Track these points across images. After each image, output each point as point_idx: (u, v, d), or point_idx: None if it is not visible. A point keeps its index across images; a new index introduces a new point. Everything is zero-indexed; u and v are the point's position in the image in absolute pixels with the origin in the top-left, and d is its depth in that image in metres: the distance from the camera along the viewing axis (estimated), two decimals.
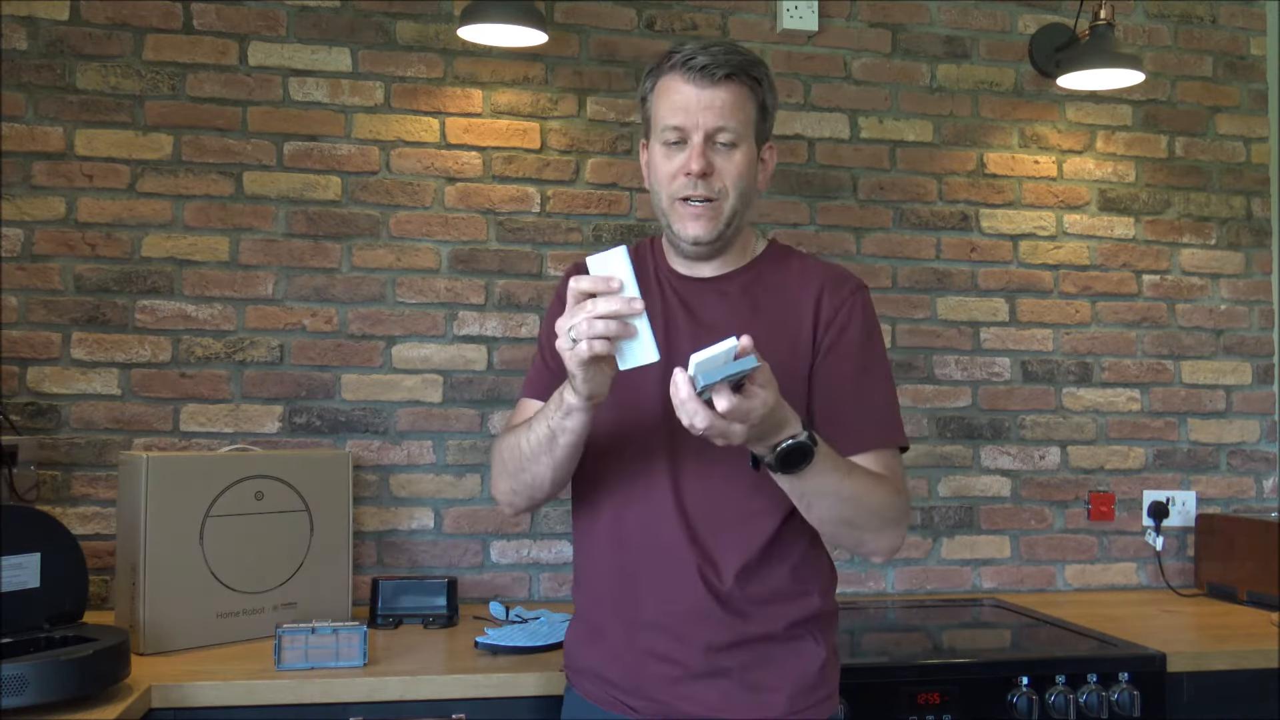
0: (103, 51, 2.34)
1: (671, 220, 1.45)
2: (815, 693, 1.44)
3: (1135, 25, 2.82)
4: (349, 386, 2.42)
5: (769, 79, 1.47)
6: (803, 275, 1.51)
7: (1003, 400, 2.71)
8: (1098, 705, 1.93)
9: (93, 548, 2.19)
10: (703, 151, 1.40)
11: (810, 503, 1.33)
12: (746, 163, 1.44)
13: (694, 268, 1.51)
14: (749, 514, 1.42)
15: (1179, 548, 2.75)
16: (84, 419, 2.30)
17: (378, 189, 2.45)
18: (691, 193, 1.41)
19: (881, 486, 1.37)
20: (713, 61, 1.39)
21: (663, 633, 1.42)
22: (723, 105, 1.40)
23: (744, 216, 1.47)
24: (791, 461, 1.24)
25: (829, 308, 1.46)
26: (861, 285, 1.51)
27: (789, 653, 1.43)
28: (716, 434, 1.18)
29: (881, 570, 2.61)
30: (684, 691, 1.41)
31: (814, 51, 2.66)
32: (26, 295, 2.29)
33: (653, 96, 1.46)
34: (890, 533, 1.41)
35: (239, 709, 1.72)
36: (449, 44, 2.47)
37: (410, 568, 2.42)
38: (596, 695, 1.48)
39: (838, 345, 1.45)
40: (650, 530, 1.43)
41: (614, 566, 1.46)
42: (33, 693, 1.49)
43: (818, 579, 1.49)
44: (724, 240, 1.46)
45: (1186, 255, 2.82)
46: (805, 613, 1.45)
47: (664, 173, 1.44)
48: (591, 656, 1.49)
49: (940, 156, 2.71)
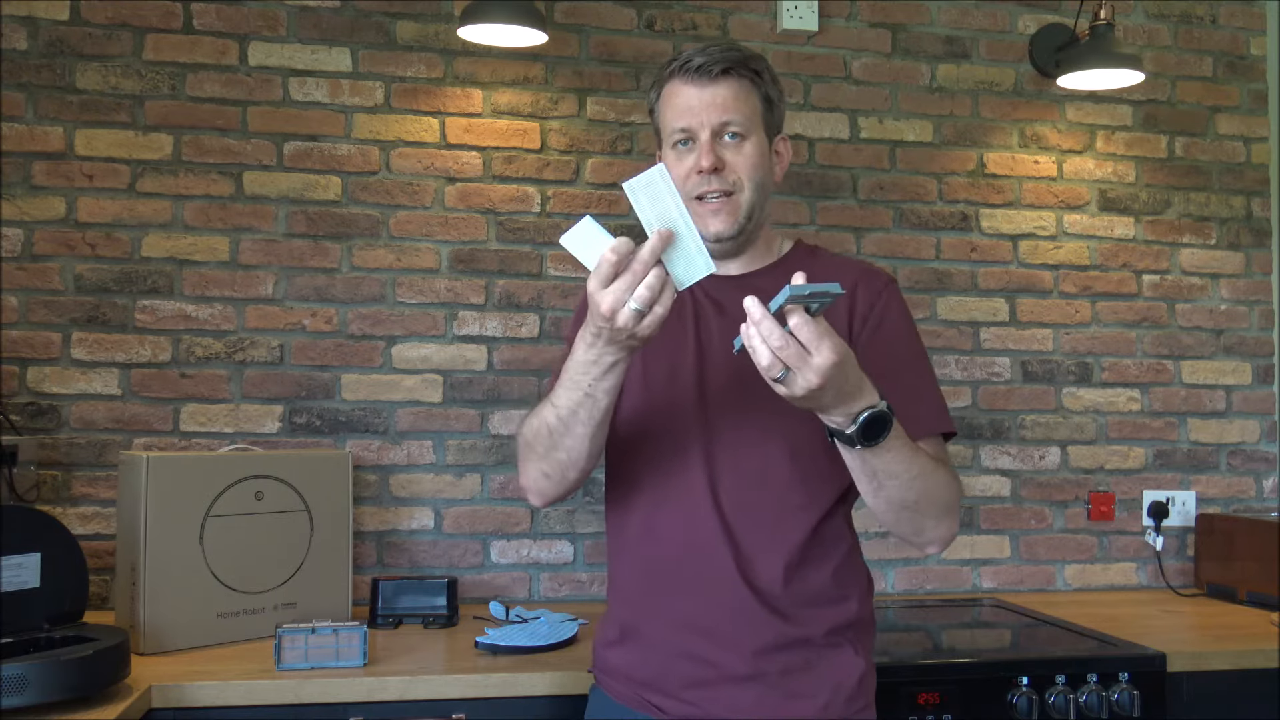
0: (103, 51, 2.34)
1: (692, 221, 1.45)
2: (853, 704, 1.42)
3: (1135, 25, 2.82)
4: (349, 386, 2.42)
5: (770, 73, 1.47)
6: (833, 271, 1.49)
7: (1003, 400, 2.71)
8: (1098, 705, 1.93)
9: (93, 548, 2.19)
10: (711, 147, 1.41)
11: (881, 483, 1.28)
12: (758, 154, 1.44)
13: (721, 266, 1.49)
14: (788, 510, 1.41)
15: (1179, 548, 2.75)
16: (84, 419, 2.30)
17: (378, 189, 2.45)
18: (706, 189, 1.42)
19: (941, 470, 1.35)
20: (709, 60, 1.40)
21: (700, 633, 1.40)
22: (724, 100, 1.41)
23: (763, 210, 1.47)
24: (873, 431, 1.20)
25: (864, 302, 1.46)
26: (893, 279, 1.51)
27: (828, 661, 1.41)
28: (789, 363, 1.11)
29: (881, 570, 2.61)
30: (717, 694, 1.39)
31: (814, 51, 2.66)
32: (26, 295, 2.29)
33: (659, 106, 1.47)
34: (949, 520, 1.39)
35: (239, 709, 1.72)
36: (449, 44, 2.47)
37: (410, 568, 2.42)
38: (624, 695, 1.47)
39: (877, 337, 1.44)
40: (686, 527, 1.41)
41: (647, 565, 1.45)
42: (33, 693, 1.49)
43: (857, 584, 1.48)
44: (746, 234, 1.46)
45: (1186, 255, 2.82)
46: (845, 618, 1.43)
47: (678, 175, 1.43)
48: (621, 657, 1.48)
49: (940, 156, 2.71)
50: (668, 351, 1.44)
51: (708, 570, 1.40)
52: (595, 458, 1.42)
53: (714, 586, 1.39)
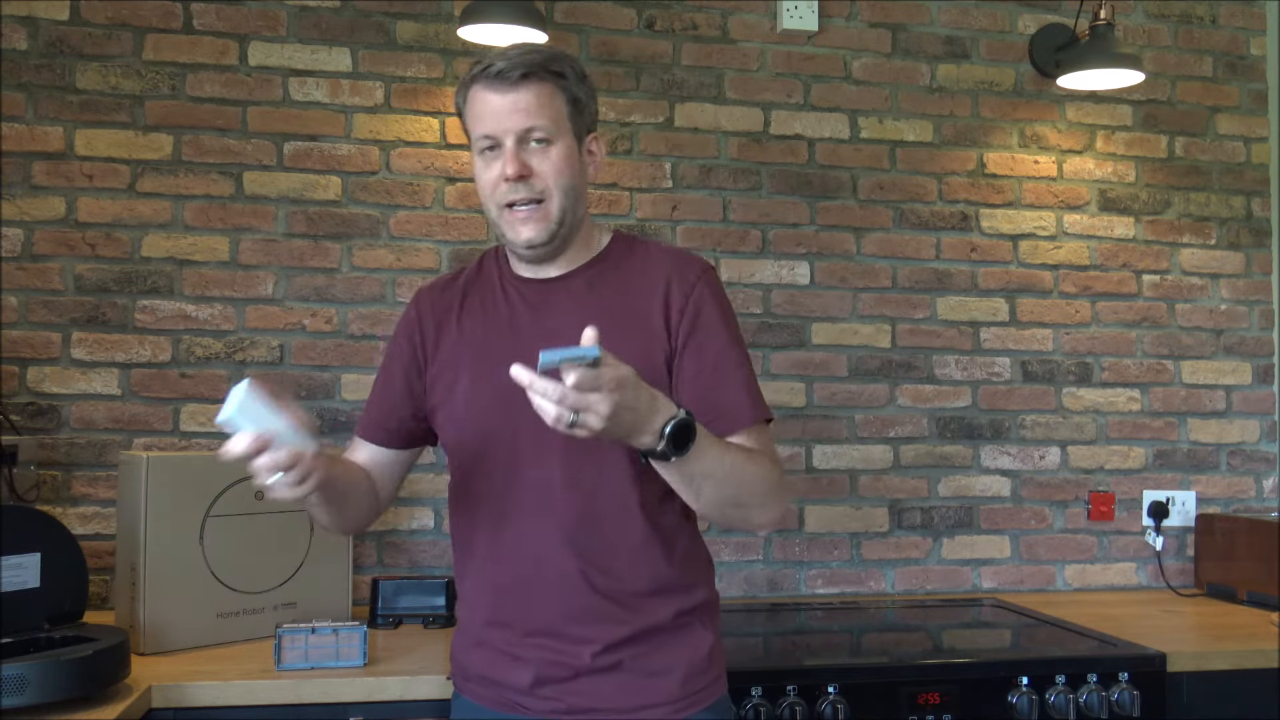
0: (103, 51, 2.34)
1: (503, 228, 1.44)
2: (705, 675, 1.46)
3: (1135, 25, 2.82)
4: (349, 386, 2.42)
5: (577, 72, 1.45)
6: (647, 264, 1.50)
7: (1003, 400, 2.71)
8: (1098, 705, 1.93)
9: (93, 548, 2.18)
10: (516, 154, 1.39)
11: (700, 486, 1.31)
12: (565, 158, 1.42)
13: (537, 270, 1.50)
14: (625, 510, 1.43)
15: (1179, 548, 2.75)
16: (84, 419, 2.30)
17: (378, 189, 2.45)
18: (515, 197, 1.41)
19: (757, 460, 1.38)
20: (509, 65, 1.38)
21: (552, 637, 1.42)
22: (527, 106, 1.39)
23: (576, 212, 1.46)
24: (682, 439, 1.23)
25: (679, 295, 1.45)
26: (708, 266, 1.50)
27: (678, 640, 1.45)
28: (574, 409, 1.14)
29: (881, 570, 2.61)
30: (577, 687, 1.42)
31: (814, 51, 2.66)
32: (26, 295, 2.29)
33: (465, 111, 1.46)
34: (774, 504, 1.42)
35: (239, 709, 1.72)
36: (449, 44, 2.47)
37: (410, 568, 2.42)
38: (486, 697, 1.48)
39: (695, 331, 1.44)
40: (527, 543, 1.43)
41: (496, 581, 1.46)
42: (33, 693, 1.49)
43: (701, 571, 1.52)
44: (559, 239, 1.45)
45: (1186, 255, 2.82)
46: (693, 603, 1.47)
47: (486, 182, 1.43)
48: (480, 662, 1.49)
49: (940, 156, 2.71)
50: (489, 366, 1.43)
51: (555, 579, 1.42)
52: (352, 527, 1.60)
53: (562, 593, 1.42)
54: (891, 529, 2.63)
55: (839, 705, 1.85)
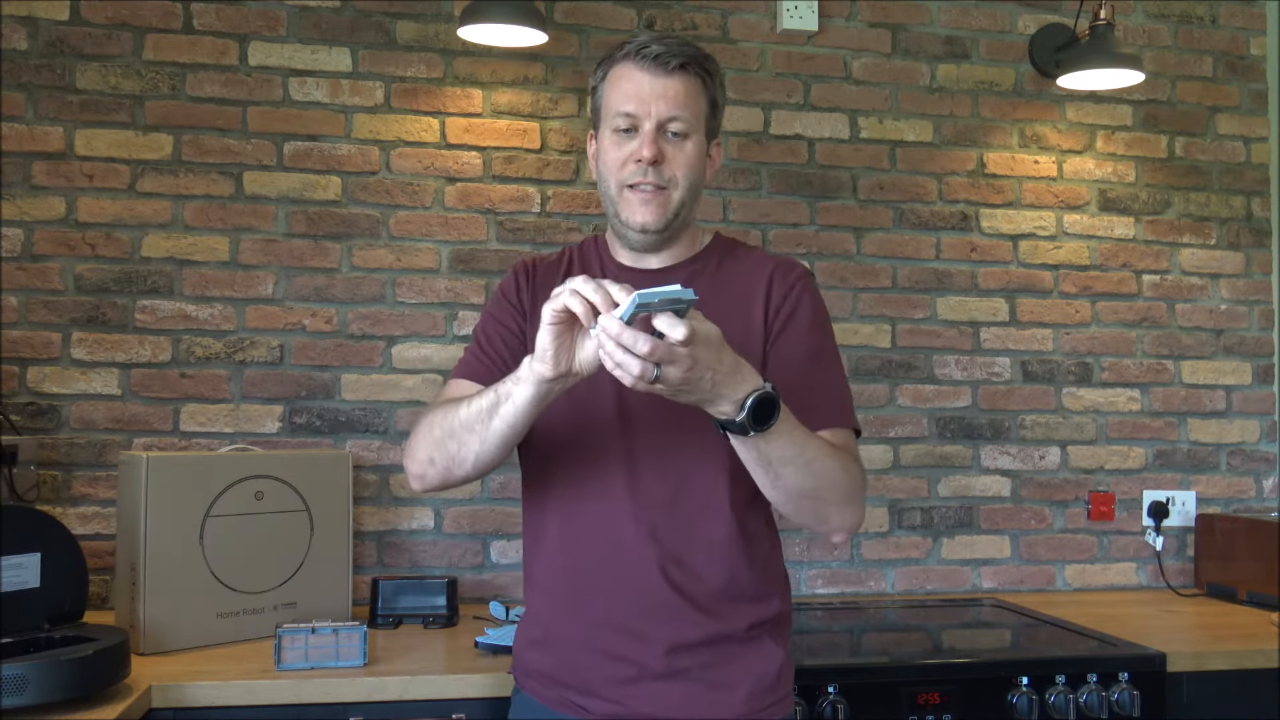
0: (103, 51, 2.34)
1: (620, 208, 1.44)
2: (773, 693, 1.43)
3: (1135, 25, 2.82)
4: (349, 386, 2.42)
5: (720, 76, 1.47)
6: (750, 264, 1.51)
7: (1003, 400, 2.71)
8: (1098, 705, 1.93)
9: (93, 548, 2.19)
10: (654, 138, 1.39)
11: (777, 471, 1.27)
12: (697, 155, 1.43)
13: (640, 259, 1.49)
14: (710, 508, 1.41)
15: (1179, 548, 2.75)
16: (84, 419, 2.30)
17: (378, 189, 2.45)
18: (641, 179, 1.40)
19: (841, 457, 1.35)
20: (667, 51, 1.39)
21: (622, 632, 1.40)
22: (676, 95, 1.40)
23: (691, 209, 1.47)
24: (763, 413, 1.19)
25: (778, 294, 1.46)
26: (808, 272, 1.51)
27: (749, 652, 1.42)
28: (660, 362, 1.09)
29: (881, 570, 2.61)
30: (640, 691, 1.39)
31: (814, 51, 2.66)
32: (26, 295, 2.29)
33: (604, 85, 1.45)
34: (853, 507, 1.38)
35: (239, 709, 1.72)
36: (449, 44, 2.47)
37: (410, 568, 2.42)
38: (547, 697, 1.46)
39: (788, 329, 1.45)
40: (606, 527, 1.41)
41: (568, 566, 1.44)
42: (33, 693, 1.49)
43: (778, 581, 1.50)
44: (671, 230, 1.45)
45: (1186, 255, 2.82)
46: (767, 614, 1.45)
47: (613, 159, 1.42)
48: (543, 659, 1.47)
49: (940, 156, 2.71)
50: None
51: (629, 570, 1.39)
52: (482, 470, 1.37)
53: (636, 586, 1.39)
54: (891, 529, 2.63)
55: (839, 705, 1.85)
